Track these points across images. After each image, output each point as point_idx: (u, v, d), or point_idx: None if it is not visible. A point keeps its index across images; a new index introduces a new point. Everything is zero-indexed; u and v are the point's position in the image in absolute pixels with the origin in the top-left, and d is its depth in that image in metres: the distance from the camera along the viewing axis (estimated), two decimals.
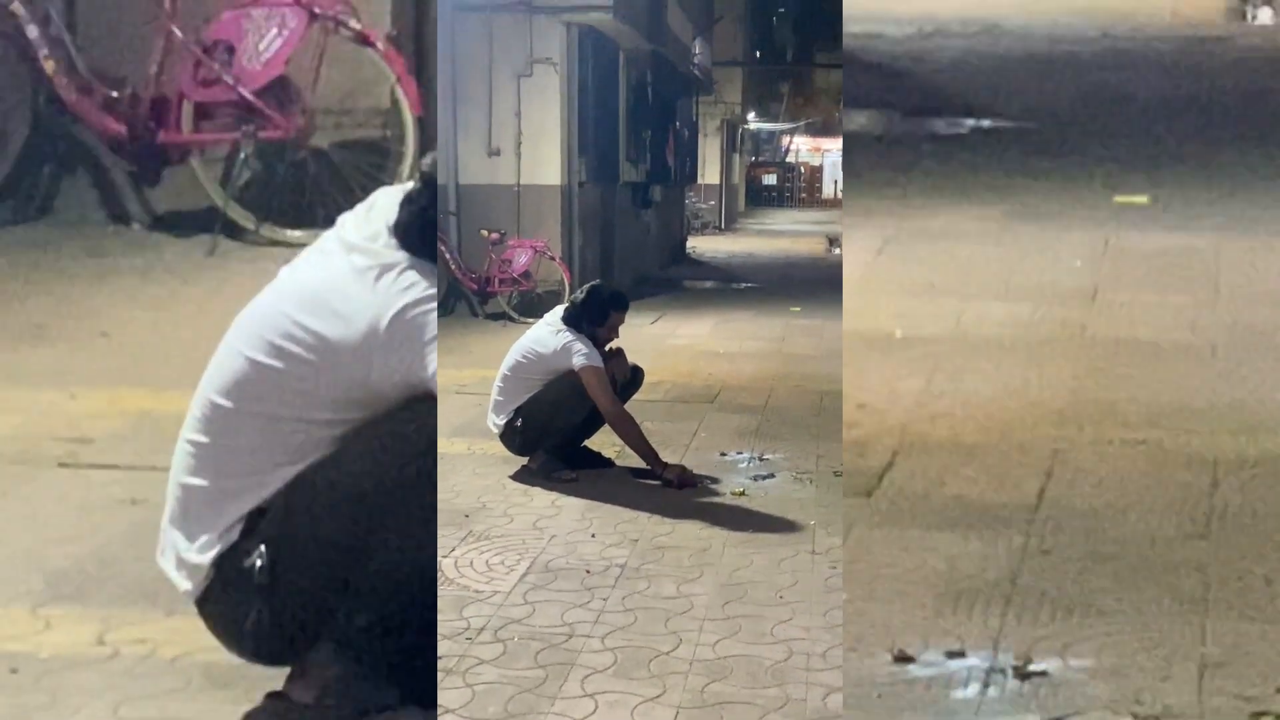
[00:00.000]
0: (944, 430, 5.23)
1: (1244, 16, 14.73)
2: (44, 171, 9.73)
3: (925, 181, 8.75)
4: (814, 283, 24.33)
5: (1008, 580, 4.26)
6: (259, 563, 3.66)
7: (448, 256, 15.94)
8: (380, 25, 9.78)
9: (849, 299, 6.96)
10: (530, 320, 8.92)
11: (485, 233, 16.82)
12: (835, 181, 65.31)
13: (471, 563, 6.26)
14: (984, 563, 4.35)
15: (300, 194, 9.39)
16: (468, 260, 16.91)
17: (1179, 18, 14.25)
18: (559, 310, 8.42)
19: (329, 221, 3.97)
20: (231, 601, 3.74)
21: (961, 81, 11.58)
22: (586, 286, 8.50)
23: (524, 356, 8.16)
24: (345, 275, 3.67)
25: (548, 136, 18.44)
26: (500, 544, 6.63)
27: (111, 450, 5.53)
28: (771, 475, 8.26)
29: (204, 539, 3.71)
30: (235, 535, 3.70)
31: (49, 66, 9.23)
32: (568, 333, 8.07)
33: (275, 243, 9.12)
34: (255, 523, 3.70)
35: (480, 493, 7.59)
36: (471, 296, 16.82)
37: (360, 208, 3.91)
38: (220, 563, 3.71)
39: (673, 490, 7.81)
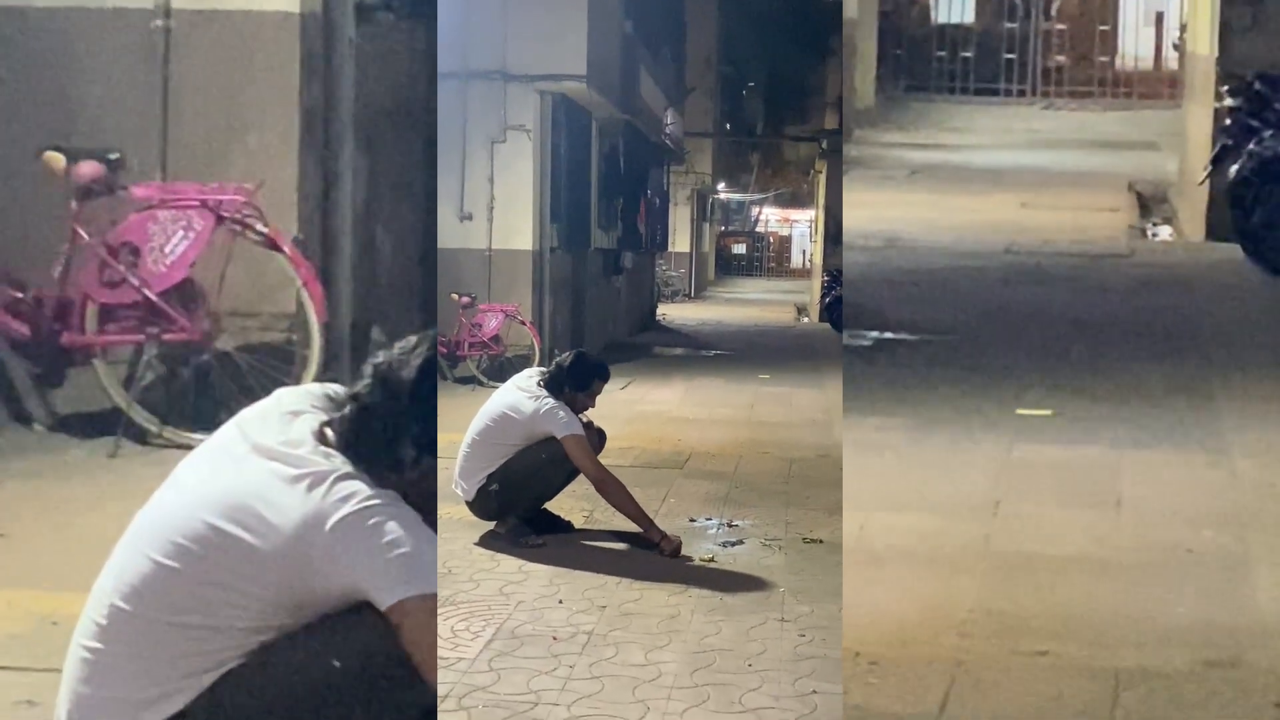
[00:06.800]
0: (846, 640, 5.22)
1: (1144, 234, 15.00)
2: None
3: None
4: (783, 351, 24.82)
5: None
6: None
7: None
8: (287, 229, 9.81)
9: None
10: (499, 384, 8.95)
11: (456, 296, 16.91)
12: (804, 251, 66.24)
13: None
14: None
15: (204, 397, 9.34)
16: (438, 323, 16.74)
17: (1081, 234, 14.49)
18: (529, 375, 8.45)
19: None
20: None
21: (865, 294, 11.71)
22: (571, 353, 8.54)
23: (495, 421, 8.15)
24: (272, 483, 3.46)
25: (520, 202, 18.76)
26: (466, 609, 6.61)
27: (9, 652, 5.44)
28: (740, 542, 8.29)
29: None
30: None
31: None
32: (549, 398, 8.07)
33: (178, 446, 9.02)
34: None
35: (445, 557, 7.55)
36: (441, 360, 16.64)
37: (261, 408, 3.75)
38: None
39: (641, 556, 7.81)
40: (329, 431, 3.64)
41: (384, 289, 11.67)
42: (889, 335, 10.45)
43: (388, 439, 3.63)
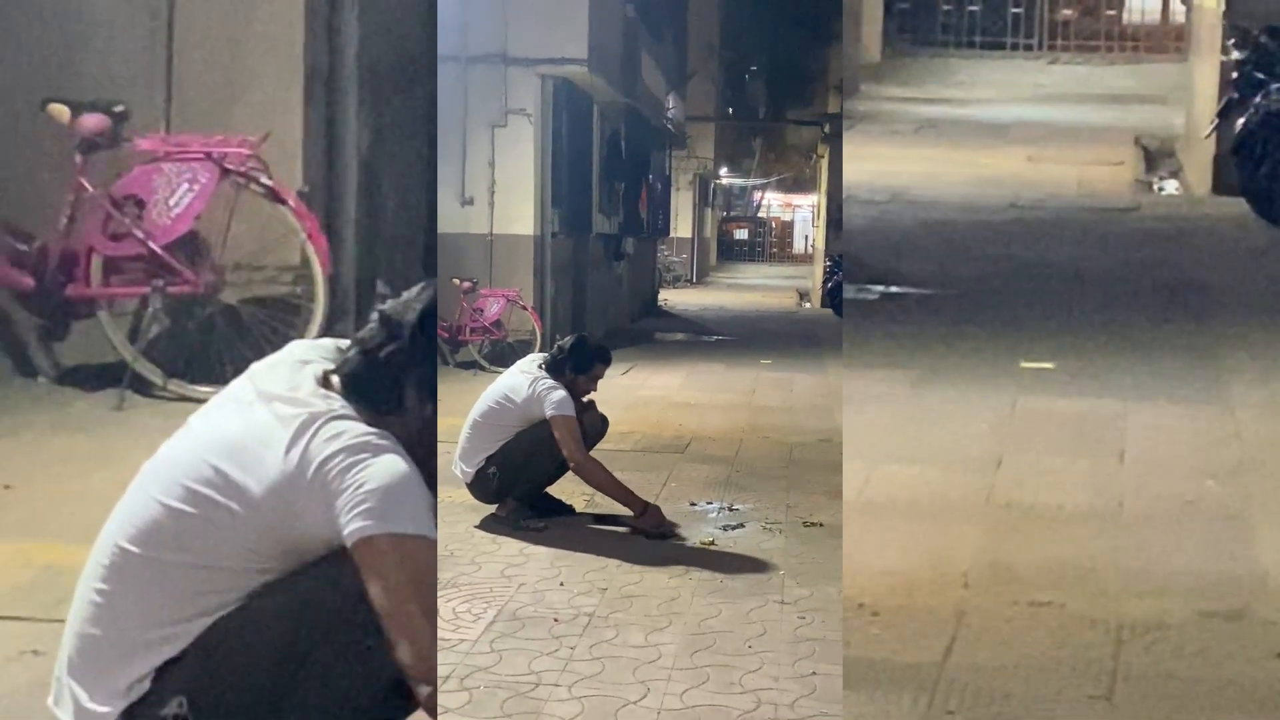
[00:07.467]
0: (849, 591, 5.24)
1: (1150, 188, 14.98)
2: None
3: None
4: (784, 336, 24.73)
5: None
6: (176, 713, 3.44)
7: None
8: (291, 182, 9.81)
9: None
10: (501, 369, 9.03)
11: (457, 281, 16.78)
12: (806, 237, 66.13)
13: (438, 610, 6.19)
14: None
15: (209, 350, 9.35)
16: (439, 309, 16.12)
17: (1086, 188, 14.47)
18: (533, 358, 8.49)
19: (237, 377, 3.83)
20: None
21: (871, 248, 11.70)
22: (573, 336, 8.56)
23: (496, 403, 8.18)
24: (269, 424, 3.51)
25: (521, 187, 18.65)
26: (467, 591, 6.63)
27: (15, 602, 5.47)
28: (741, 525, 8.26)
29: (110, 689, 3.46)
30: (147, 685, 3.45)
31: None
32: (545, 380, 8.10)
33: (183, 398, 9.05)
34: (168, 672, 3.47)
35: (447, 540, 7.55)
36: (443, 345, 16.56)
37: (272, 359, 3.79)
38: (129, 714, 3.46)
39: (642, 539, 7.81)
40: (334, 378, 3.67)
41: (389, 241, 11.66)
42: (894, 289, 10.45)
43: (390, 382, 3.69)
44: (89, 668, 3.51)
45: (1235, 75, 12.53)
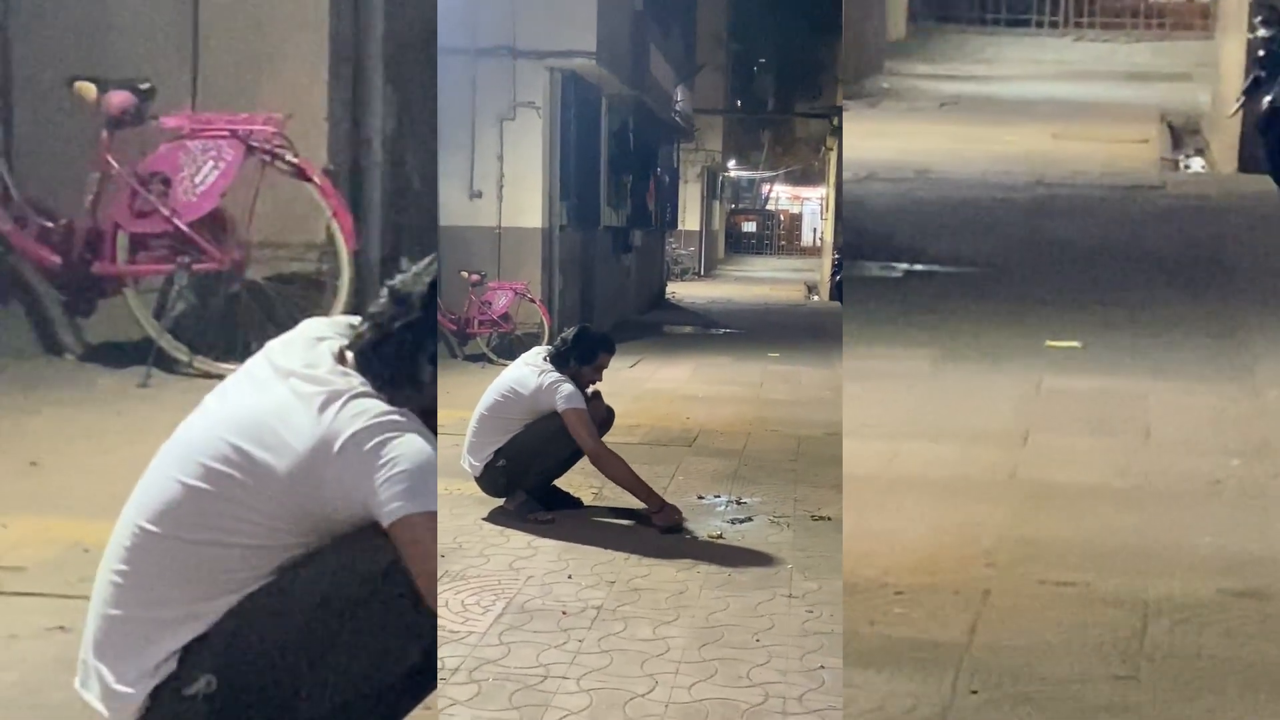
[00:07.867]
0: (874, 569, 5.23)
1: (1176, 166, 14.95)
2: None
3: (859, 323, 8.81)
4: (792, 329, 24.65)
5: None
6: (204, 692, 3.45)
7: None
8: (317, 159, 9.82)
9: None
10: (508, 362, 9.03)
11: (465, 274, 16.70)
12: (814, 230, 66.01)
13: (447, 603, 6.19)
14: (913, 702, 4.34)
15: (234, 327, 9.37)
16: (447, 301, 16.57)
17: (1113, 165, 14.44)
18: (538, 351, 8.42)
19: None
20: None
21: (895, 225, 11.69)
22: (575, 328, 8.49)
23: (503, 396, 8.12)
24: (289, 401, 3.54)
25: (529, 180, 18.59)
26: (476, 584, 6.59)
27: (42, 578, 5.49)
28: (749, 519, 8.21)
29: (137, 670, 3.47)
30: (173, 665, 3.47)
31: None
32: (552, 373, 8.04)
33: (208, 375, 9.07)
34: (194, 651, 3.48)
35: (456, 533, 7.54)
36: (450, 337, 16.51)
37: (287, 336, 3.82)
38: (157, 694, 3.47)
39: (650, 532, 7.74)
40: (349, 354, 3.70)
41: (413, 219, 11.66)
42: (919, 267, 10.44)
43: (404, 355, 3.73)
44: (114, 649, 3.52)
45: (1261, 53, 12.50)
